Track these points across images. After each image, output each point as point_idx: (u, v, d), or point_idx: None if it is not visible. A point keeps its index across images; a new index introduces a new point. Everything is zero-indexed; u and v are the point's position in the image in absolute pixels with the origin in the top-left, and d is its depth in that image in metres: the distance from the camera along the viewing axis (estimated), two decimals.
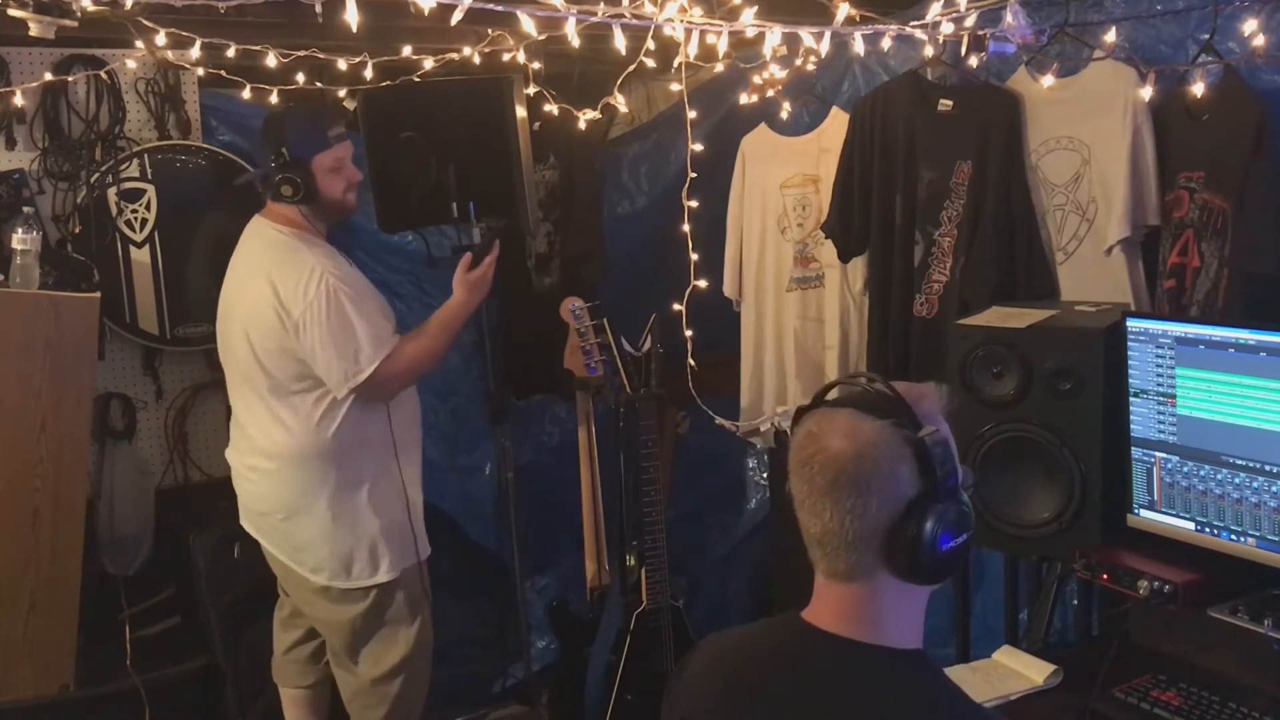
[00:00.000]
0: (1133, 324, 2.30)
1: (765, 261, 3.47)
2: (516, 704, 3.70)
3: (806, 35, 2.27)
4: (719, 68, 3.20)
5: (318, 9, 1.95)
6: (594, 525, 3.50)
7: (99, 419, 3.24)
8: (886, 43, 2.60)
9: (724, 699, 1.41)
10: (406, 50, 3.02)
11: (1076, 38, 2.67)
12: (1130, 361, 2.29)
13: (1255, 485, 2.09)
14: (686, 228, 2.72)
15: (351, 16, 1.91)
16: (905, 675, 1.36)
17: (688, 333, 2.80)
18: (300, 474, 2.80)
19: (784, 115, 3.36)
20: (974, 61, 2.76)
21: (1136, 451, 2.30)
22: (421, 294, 3.68)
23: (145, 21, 2.71)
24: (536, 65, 3.14)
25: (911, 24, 2.39)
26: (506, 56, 2.99)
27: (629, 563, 3.42)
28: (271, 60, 2.86)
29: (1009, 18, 2.38)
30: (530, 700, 3.57)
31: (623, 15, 2.10)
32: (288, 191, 2.78)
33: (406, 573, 2.91)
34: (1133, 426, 2.30)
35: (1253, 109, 2.36)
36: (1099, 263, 2.73)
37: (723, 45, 2.33)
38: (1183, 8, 2.57)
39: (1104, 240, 2.70)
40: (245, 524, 2.97)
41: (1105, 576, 2.23)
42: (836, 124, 3.26)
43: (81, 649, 2.97)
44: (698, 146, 2.68)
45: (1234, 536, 2.14)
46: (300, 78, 3.09)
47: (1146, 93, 2.51)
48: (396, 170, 3.08)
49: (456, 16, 1.97)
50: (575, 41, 2.17)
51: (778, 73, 3.14)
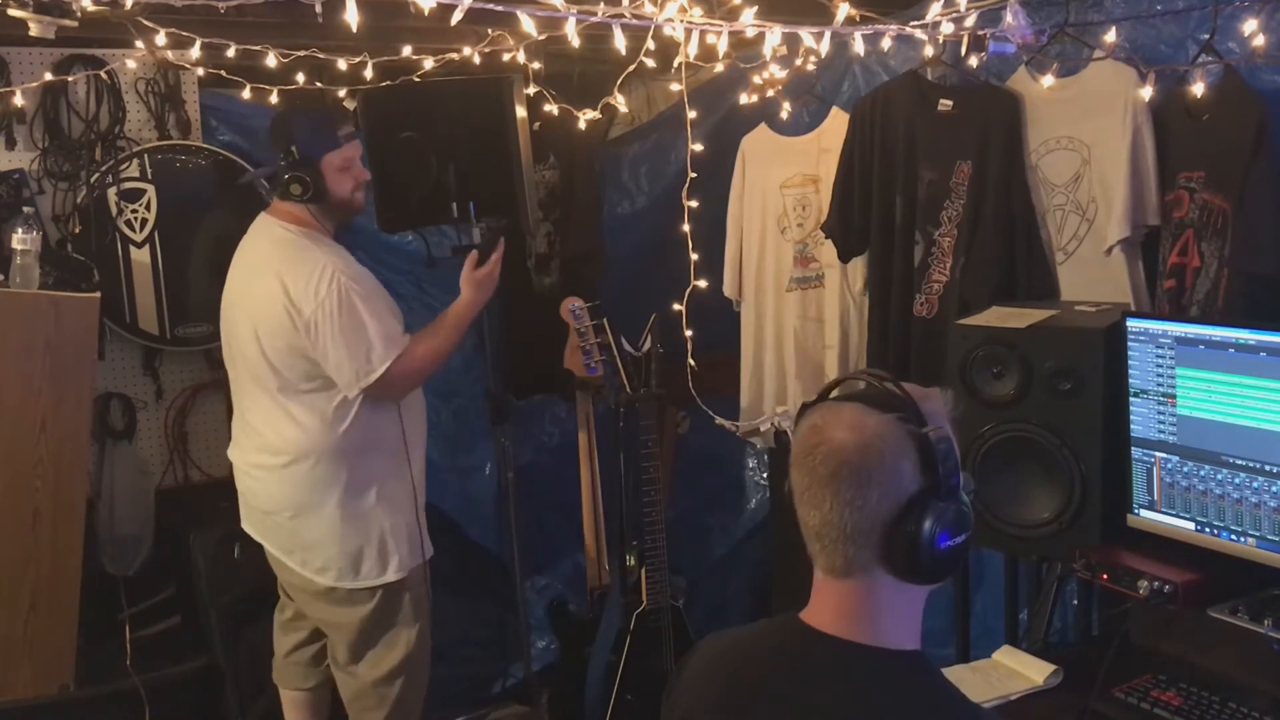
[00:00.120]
0: (1133, 324, 2.30)
1: (765, 261, 3.47)
2: (516, 704, 3.69)
3: (806, 35, 2.27)
4: (719, 68, 3.20)
5: (318, 9, 1.95)
6: (594, 525, 3.51)
7: (99, 419, 3.24)
8: (886, 43, 2.60)
9: (724, 699, 1.41)
10: (406, 50, 3.02)
11: (1076, 38, 2.67)
12: (1130, 361, 2.29)
13: (1255, 485, 2.09)
14: (686, 228, 2.72)
15: (351, 16, 1.91)
16: (904, 677, 1.36)
17: (688, 333, 2.80)
18: (311, 471, 2.78)
19: (784, 115, 3.36)
20: (974, 61, 2.76)
21: (1136, 451, 2.30)
22: (421, 294, 3.68)
23: (145, 21, 2.71)
24: (536, 65, 3.14)
25: (911, 24, 2.39)
26: (506, 56, 2.99)
27: (629, 563, 3.42)
28: (271, 60, 2.86)
29: (1009, 18, 2.38)
30: (530, 700, 3.57)
31: (623, 15, 2.10)
32: (297, 190, 2.76)
33: (413, 573, 2.90)
34: (1133, 426, 2.30)
35: (1253, 109, 2.36)
36: (1099, 263, 2.73)
37: (723, 45, 2.33)
38: (1183, 8, 2.57)
39: (1104, 240, 2.70)
40: (248, 526, 2.96)
41: (1105, 576, 2.23)
42: (836, 124, 3.26)
43: (81, 649, 2.97)
44: (698, 146, 2.68)
45: (1234, 536, 2.14)
46: (300, 78, 3.09)
47: (1146, 93, 2.51)
48: (396, 170, 3.08)
49: (456, 16, 1.97)
50: (575, 41, 2.17)
51: (778, 73, 3.14)
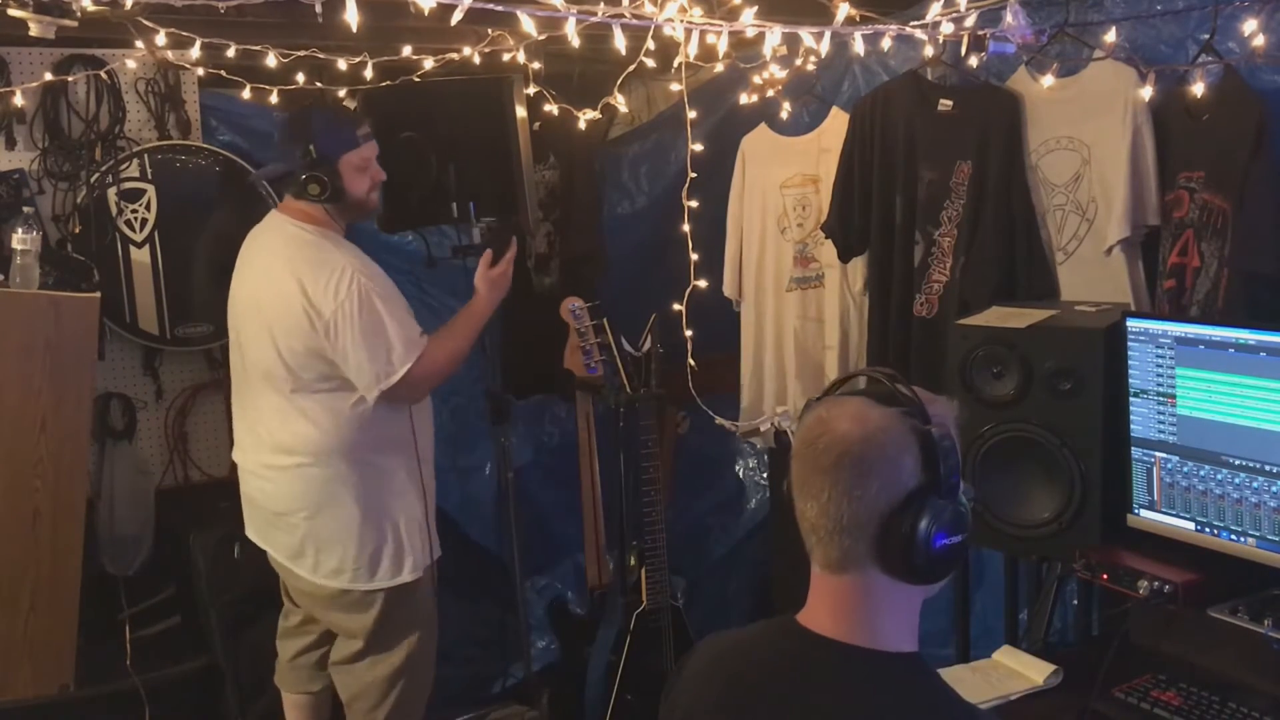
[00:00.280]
0: (1133, 324, 2.30)
1: (765, 261, 3.47)
2: (516, 704, 3.69)
3: (806, 35, 2.27)
4: (719, 68, 3.20)
5: (318, 9, 1.95)
6: (594, 525, 3.51)
7: (99, 419, 3.24)
8: (886, 43, 2.60)
9: (723, 700, 1.41)
10: (406, 50, 3.01)
11: (1076, 38, 2.67)
12: (1130, 361, 2.29)
13: (1255, 485, 2.09)
14: (686, 228, 2.72)
15: (351, 16, 1.91)
16: (901, 679, 1.35)
17: (688, 333, 2.80)
18: (327, 470, 2.75)
19: (784, 115, 3.36)
20: (974, 61, 2.76)
21: (1136, 451, 2.30)
22: (422, 294, 3.68)
23: (145, 21, 2.71)
24: (536, 65, 3.14)
25: (911, 24, 2.38)
26: (506, 56, 2.99)
27: (629, 563, 3.42)
28: (271, 60, 2.85)
29: (1009, 18, 2.38)
30: (530, 700, 3.57)
31: (623, 15, 2.10)
32: (315, 190, 2.73)
33: (425, 572, 2.88)
34: (1133, 426, 2.30)
35: (1253, 109, 2.36)
36: (1099, 263, 2.73)
37: (723, 45, 2.33)
38: (1183, 8, 2.57)
39: (1104, 240, 2.70)
40: (253, 533, 2.91)
41: (1105, 576, 2.23)
42: (836, 124, 3.26)
43: (81, 649, 2.96)
44: (698, 146, 2.67)
45: (1234, 536, 2.14)
46: (300, 78, 3.09)
47: (1146, 93, 2.51)
48: (396, 170, 3.07)
49: (456, 16, 1.97)
50: (575, 41, 2.16)
51: (778, 73, 3.14)
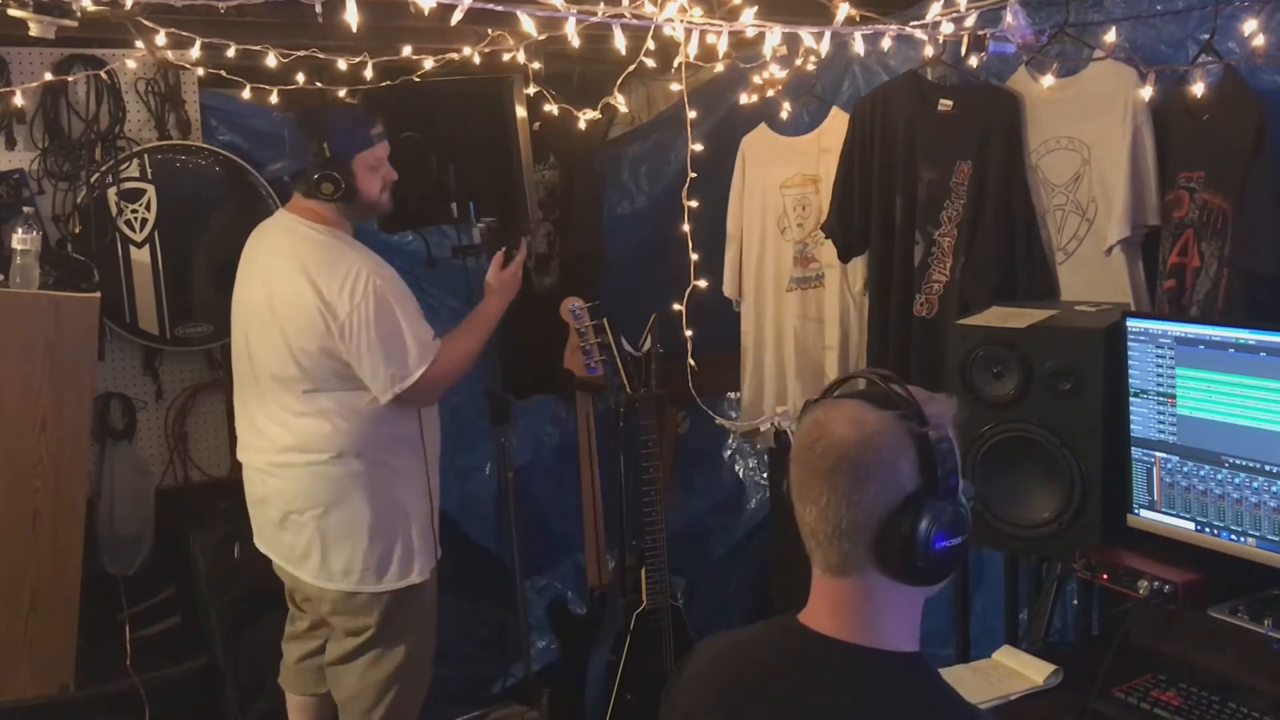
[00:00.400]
0: (1133, 324, 2.29)
1: (765, 261, 3.47)
2: (516, 704, 3.69)
3: (806, 35, 2.27)
4: (719, 68, 3.20)
5: (318, 9, 1.95)
6: (594, 525, 3.50)
7: (99, 419, 3.24)
8: (886, 43, 2.60)
9: (723, 700, 1.41)
10: (406, 50, 3.01)
11: (1076, 38, 2.67)
12: (1130, 361, 2.29)
13: (1255, 485, 2.09)
14: (686, 228, 2.72)
15: (351, 16, 1.91)
16: (902, 678, 1.35)
17: (688, 333, 2.80)
18: (341, 468, 2.72)
19: (784, 115, 3.36)
20: (974, 61, 2.76)
21: (1136, 451, 2.30)
22: (422, 294, 3.65)
23: (145, 21, 2.71)
24: (536, 65, 3.14)
25: (911, 24, 2.38)
26: (506, 56, 2.99)
27: (629, 563, 3.42)
28: (271, 60, 2.85)
29: (1009, 18, 2.38)
30: (530, 700, 3.57)
31: (623, 15, 2.10)
32: (329, 189, 2.71)
33: (432, 574, 2.87)
34: (1133, 426, 2.30)
35: (1253, 109, 2.36)
36: (1099, 263, 2.73)
37: (723, 45, 2.33)
38: (1183, 8, 2.57)
39: (1104, 240, 2.70)
40: (260, 542, 2.88)
41: (1105, 576, 2.23)
42: (836, 124, 3.26)
43: (81, 649, 2.96)
44: (698, 146, 2.68)
45: (1234, 536, 2.14)
46: (300, 78, 3.09)
47: (1146, 93, 2.51)
48: (396, 170, 3.07)
49: (456, 16, 1.97)
50: (575, 41, 2.16)
51: (778, 73, 3.14)
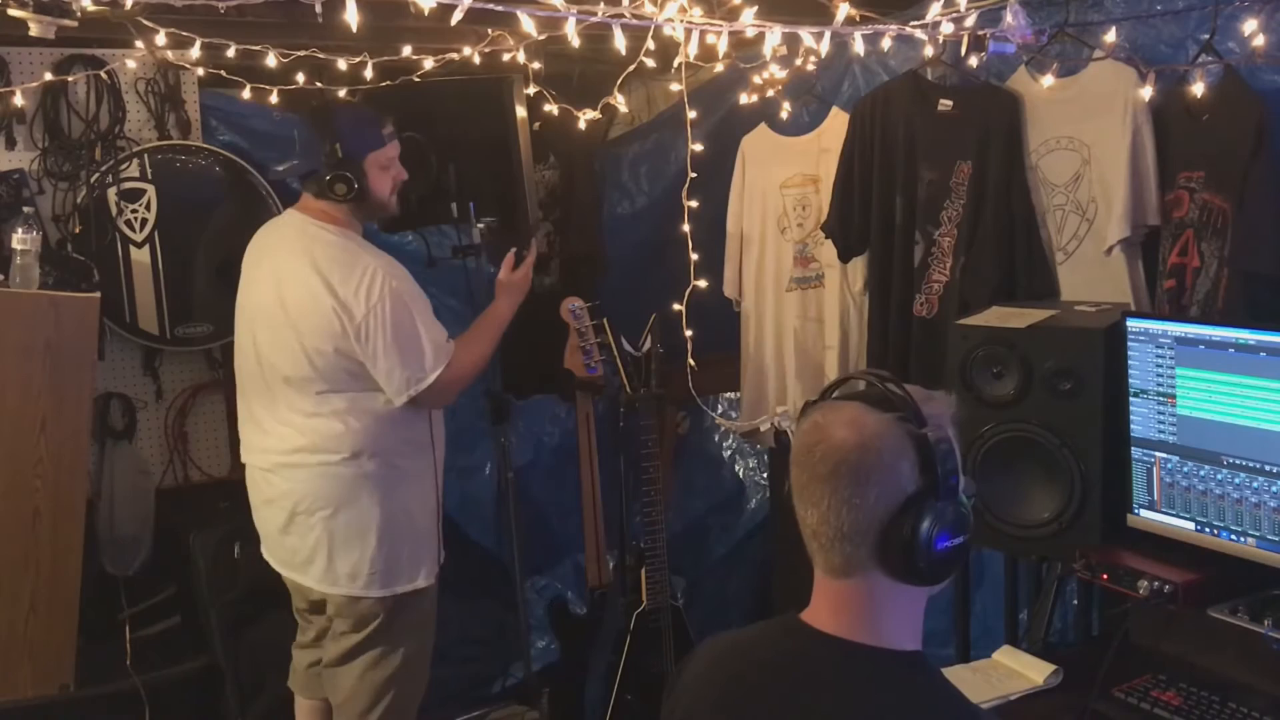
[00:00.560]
0: (1133, 324, 2.30)
1: (765, 261, 3.47)
2: (516, 704, 3.69)
3: (806, 35, 2.26)
4: (719, 68, 3.20)
5: (318, 9, 1.95)
6: (594, 525, 3.50)
7: (99, 419, 3.24)
8: (886, 43, 2.60)
9: (724, 700, 1.41)
10: (406, 50, 3.01)
11: (1076, 38, 2.67)
12: (1130, 361, 2.29)
13: (1255, 485, 2.09)
14: (686, 228, 2.72)
15: (351, 16, 1.91)
16: (904, 677, 1.36)
17: (688, 333, 2.80)
18: (352, 469, 2.70)
19: (784, 115, 3.36)
20: (974, 61, 2.76)
21: (1136, 451, 2.30)
22: None
23: (145, 21, 2.71)
24: (536, 65, 3.14)
25: (911, 24, 2.38)
26: (506, 56, 2.99)
27: (629, 563, 3.42)
28: (271, 60, 2.85)
29: (1009, 18, 2.38)
30: (530, 700, 3.57)
31: (623, 15, 2.10)
32: (342, 190, 2.69)
33: (436, 579, 2.85)
34: (1133, 426, 2.30)
35: (1253, 109, 2.36)
36: (1099, 263, 2.73)
37: (723, 45, 2.32)
38: (1183, 8, 2.57)
39: (1104, 240, 2.70)
40: (268, 552, 2.86)
41: (1105, 576, 2.23)
42: (836, 124, 3.26)
43: (81, 649, 2.96)
44: (698, 146, 2.68)
45: (1234, 536, 2.14)
46: (300, 78, 3.09)
47: (1146, 93, 2.51)
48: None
49: (456, 16, 1.97)
50: (575, 41, 2.16)
51: (778, 73, 3.14)
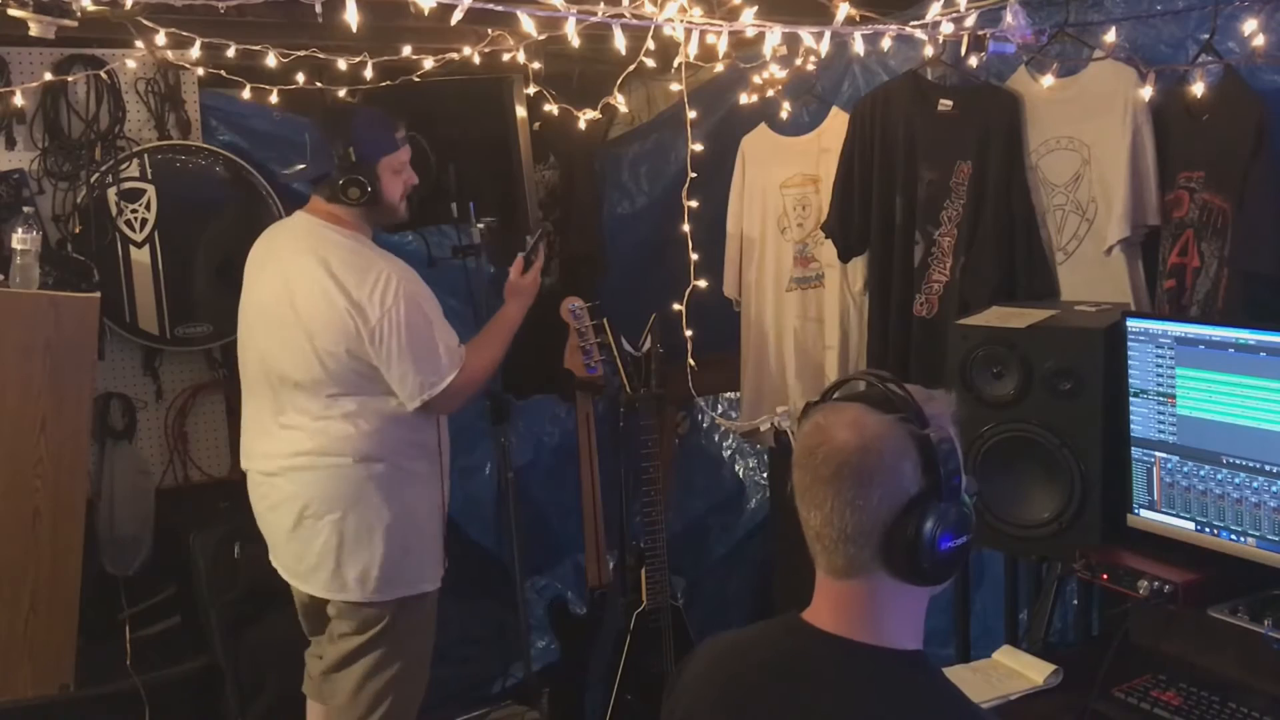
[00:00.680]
0: (1133, 324, 2.30)
1: (765, 261, 3.47)
2: (516, 704, 3.69)
3: (806, 35, 2.27)
4: (719, 68, 3.20)
5: (318, 9, 1.95)
6: (594, 525, 3.50)
7: (99, 419, 3.24)
8: (886, 43, 2.60)
9: (724, 699, 1.41)
10: (406, 50, 3.01)
11: (1076, 38, 2.67)
12: (1130, 361, 2.29)
13: (1255, 485, 2.09)
14: (686, 228, 2.72)
15: (351, 16, 1.91)
16: (904, 676, 1.36)
17: (688, 333, 2.80)
18: (363, 471, 2.68)
19: (784, 115, 3.36)
20: (974, 61, 2.76)
21: (1136, 451, 2.30)
22: None
23: (145, 21, 2.71)
24: (536, 65, 3.14)
25: (911, 24, 2.38)
26: (506, 56, 2.99)
27: (629, 563, 3.42)
28: (271, 60, 2.85)
29: (1009, 18, 2.38)
30: (530, 700, 3.57)
31: (623, 15, 2.10)
32: (355, 194, 2.66)
33: (440, 582, 2.84)
34: (1133, 426, 2.30)
35: (1253, 109, 2.36)
36: (1099, 263, 2.73)
37: (723, 45, 2.32)
38: (1183, 8, 2.57)
39: (1104, 240, 2.70)
40: (277, 560, 2.82)
41: (1105, 576, 2.23)
42: (836, 124, 3.26)
43: (81, 649, 2.96)
44: (698, 146, 2.68)
45: (1234, 536, 2.14)
46: (300, 78, 3.09)
47: (1146, 93, 2.51)
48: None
49: (456, 16, 1.97)
50: (575, 41, 2.16)
51: (778, 73, 3.14)
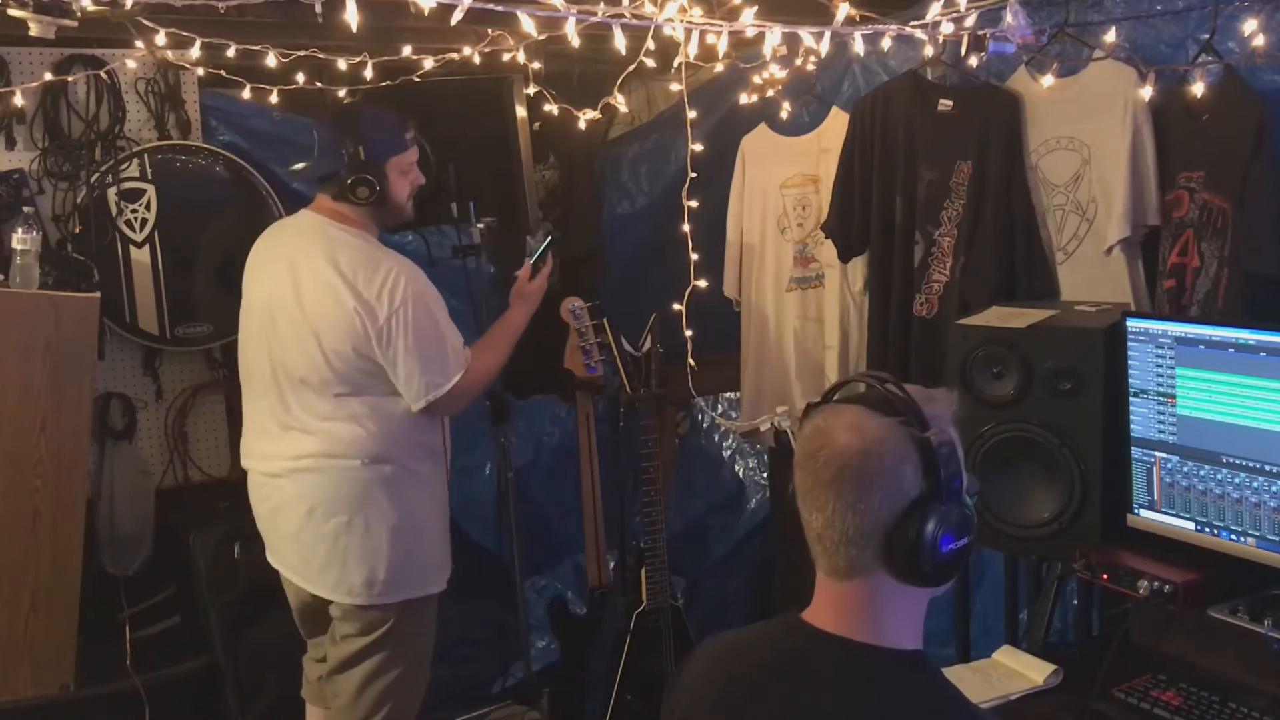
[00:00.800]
0: (1133, 324, 2.30)
1: (765, 261, 3.47)
2: (516, 704, 3.69)
3: (806, 35, 2.27)
4: (719, 68, 3.20)
5: (318, 9, 1.95)
6: (594, 525, 3.51)
7: (99, 419, 3.24)
8: (886, 43, 2.60)
9: (724, 699, 1.41)
10: (406, 50, 3.01)
11: (1076, 38, 2.67)
12: (1130, 361, 2.29)
13: (1255, 485, 2.09)
14: (686, 228, 2.73)
15: (351, 16, 1.91)
16: (904, 677, 1.36)
17: (688, 333, 2.80)
18: (370, 473, 2.67)
19: (784, 115, 3.36)
20: (974, 61, 2.76)
21: (1136, 451, 2.30)
22: None
23: (145, 21, 2.71)
24: (536, 65, 3.14)
25: (911, 24, 2.38)
26: (506, 56, 2.99)
27: (629, 563, 3.42)
28: (271, 60, 2.85)
29: (1009, 18, 2.38)
30: (530, 700, 3.57)
31: (623, 15, 2.10)
32: (364, 193, 2.66)
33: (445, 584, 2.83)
34: (1133, 426, 2.30)
35: (1253, 109, 2.36)
36: (1099, 263, 2.73)
37: (723, 45, 2.32)
38: (1183, 8, 2.57)
39: (1104, 240, 2.70)
40: (275, 558, 2.81)
41: (1105, 576, 2.23)
42: (836, 124, 3.26)
43: (81, 649, 2.96)
44: (698, 146, 2.68)
45: (1234, 536, 2.14)
46: (300, 78, 3.09)
47: (1146, 93, 2.51)
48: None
49: (456, 16, 1.97)
50: (575, 41, 2.17)
51: (778, 73, 3.14)
